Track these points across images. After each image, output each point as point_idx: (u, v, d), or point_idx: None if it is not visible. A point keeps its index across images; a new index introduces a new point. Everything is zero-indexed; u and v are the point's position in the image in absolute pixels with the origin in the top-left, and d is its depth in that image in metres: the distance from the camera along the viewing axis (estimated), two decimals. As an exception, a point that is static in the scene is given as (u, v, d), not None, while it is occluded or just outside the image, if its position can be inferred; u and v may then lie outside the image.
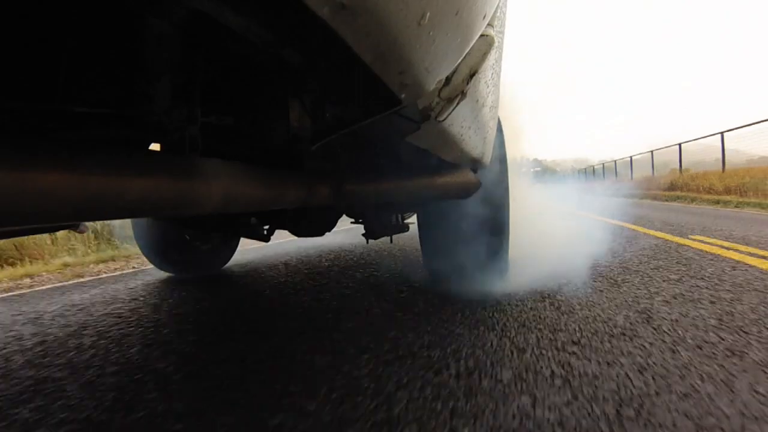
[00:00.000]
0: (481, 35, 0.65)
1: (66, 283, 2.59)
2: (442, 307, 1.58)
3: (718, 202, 8.09)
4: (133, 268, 3.08)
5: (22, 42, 0.59)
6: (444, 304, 1.63)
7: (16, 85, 0.61)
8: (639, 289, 1.74)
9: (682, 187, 10.99)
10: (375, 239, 2.01)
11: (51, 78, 0.63)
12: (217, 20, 0.47)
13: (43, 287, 2.50)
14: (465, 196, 1.43)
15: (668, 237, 3.34)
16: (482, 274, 1.76)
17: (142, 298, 1.99)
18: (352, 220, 2.02)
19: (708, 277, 1.92)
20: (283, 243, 3.90)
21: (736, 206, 7.17)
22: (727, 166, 10.85)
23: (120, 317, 1.67)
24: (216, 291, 2.07)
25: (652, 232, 3.74)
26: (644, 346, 1.12)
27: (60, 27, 0.61)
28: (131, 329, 1.49)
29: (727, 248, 2.67)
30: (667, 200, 10.01)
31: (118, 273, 2.87)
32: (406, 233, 2.23)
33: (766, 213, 5.69)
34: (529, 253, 2.41)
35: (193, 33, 0.67)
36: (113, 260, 3.53)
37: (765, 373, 0.95)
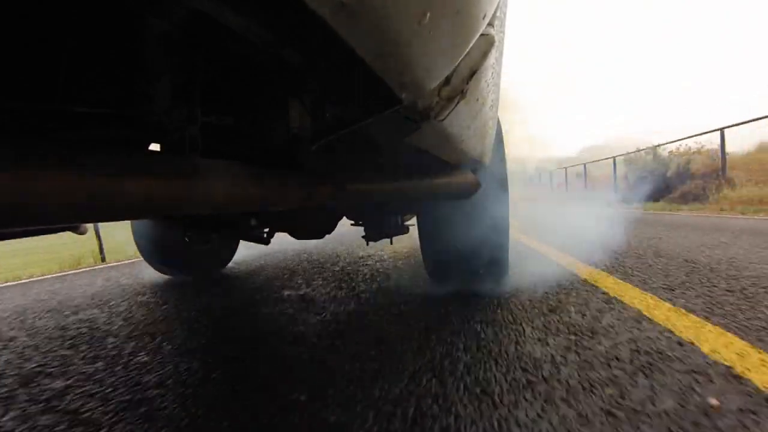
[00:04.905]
0: (482, 34, 0.65)
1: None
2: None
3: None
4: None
5: (22, 42, 0.59)
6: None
7: (16, 85, 0.61)
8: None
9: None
10: (375, 241, 2.01)
11: (51, 78, 0.62)
12: (217, 20, 0.47)
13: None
14: (465, 196, 1.42)
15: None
16: (483, 274, 1.75)
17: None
18: (352, 222, 2.02)
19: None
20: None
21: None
22: (729, 155, 10.74)
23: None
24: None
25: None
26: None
27: (60, 27, 0.61)
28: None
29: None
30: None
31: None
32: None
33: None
34: None
35: (193, 33, 0.67)
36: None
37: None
